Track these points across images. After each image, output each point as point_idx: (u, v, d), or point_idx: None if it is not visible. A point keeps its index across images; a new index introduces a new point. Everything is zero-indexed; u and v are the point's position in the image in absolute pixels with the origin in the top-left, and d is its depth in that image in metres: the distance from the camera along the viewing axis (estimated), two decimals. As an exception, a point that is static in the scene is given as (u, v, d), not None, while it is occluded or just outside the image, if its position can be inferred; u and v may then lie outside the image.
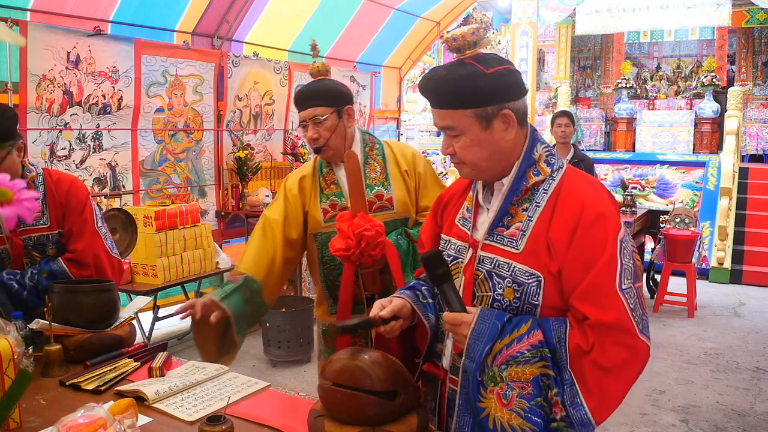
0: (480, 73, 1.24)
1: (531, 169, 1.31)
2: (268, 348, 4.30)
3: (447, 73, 1.27)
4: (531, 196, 1.30)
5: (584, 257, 1.22)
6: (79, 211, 2.06)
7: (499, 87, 1.26)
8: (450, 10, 8.09)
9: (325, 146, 1.99)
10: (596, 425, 1.20)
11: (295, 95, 2.06)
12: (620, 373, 1.20)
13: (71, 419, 1.19)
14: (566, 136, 4.93)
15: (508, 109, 1.27)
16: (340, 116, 2.00)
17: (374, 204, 2.02)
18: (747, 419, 3.51)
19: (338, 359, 1.29)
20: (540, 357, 1.21)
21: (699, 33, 10.19)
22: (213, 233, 4.81)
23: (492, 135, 1.28)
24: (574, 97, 11.33)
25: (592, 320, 1.20)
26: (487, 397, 1.23)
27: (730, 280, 6.70)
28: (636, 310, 1.22)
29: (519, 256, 1.28)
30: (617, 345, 1.20)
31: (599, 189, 1.31)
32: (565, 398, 1.19)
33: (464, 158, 1.31)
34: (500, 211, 1.32)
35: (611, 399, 1.20)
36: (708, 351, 4.63)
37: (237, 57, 5.46)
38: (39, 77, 3.96)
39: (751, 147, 9.76)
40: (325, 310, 2.12)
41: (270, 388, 1.63)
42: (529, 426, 1.20)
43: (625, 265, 1.22)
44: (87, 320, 1.81)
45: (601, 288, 1.21)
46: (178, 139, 5.08)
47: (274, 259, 1.98)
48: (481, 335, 1.24)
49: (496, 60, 1.28)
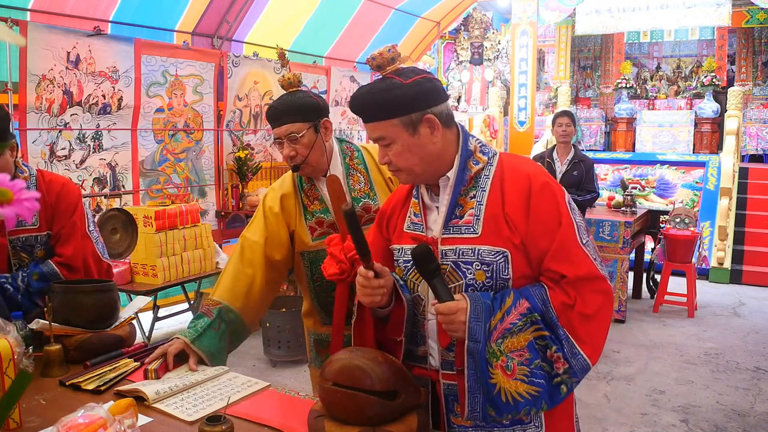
0: (399, 84, 1.35)
1: (470, 160, 1.43)
2: (268, 348, 4.30)
3: (370, 89, 1.37)
4: (475, 184, 1.41)
5: (544, 223, 1.35)
6: (69, 213, 2.04)
7: (418, 95, 1.35)
8: (450, 10, 8.09)
9: (304, 163, 1.89)
10: (592, 365, 1.34)
11: (267, 111, 1.92)
12: (601, 316, 1.34)
13: (71, 419, 1.19)
14: (567, 135, 4.93)
15: (431, 113, 1.37)
16: (317, 131, 1.89)
17: (363, 217, 1.95)
18: (747, 419, 3.51)
19: (338, 359, 1.29)
20: (531, 322, 1.32)
21: (699, 33, 10.20)
22: (213, 233, 4.81)
23: (420, 140, 1.37)
24: (574, 97, 11.33)
25: (571, 277, 1.33)
26: (495, 373, 1.31)
27: (730, 280, 6.70)
28: (596, 259, 1.37)
29: (479, 239, 1.37)
30: (594, 292, 1.34)
31: (535, 163, 1.46)
32: (566, 352, 1.31)
33: (399, 165, 1.40)
34: (451, 204, 1.41)
35: (599, 340, 1.35)
36: (708, 351, 4.63)
37: (237, 57, 5.46)
38: (39, 77, 3.96)
39: (751, 147, 9.77)
40: (317, 320, 2.08)
41: (270, 388, 1.63)
42: (534, 389, 1.30)
43: (578, 222, 1.38)
44: (87, 320, 1.81)
45: (568, 247, 1.34)
46: (178, 139, 5.08)
47: (252, 283, 1.91)
48: (479, 316, 1.31)
49: (413, 71, 1.39)
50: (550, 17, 8.42)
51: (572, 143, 5.03)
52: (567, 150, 4.97)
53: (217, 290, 1.92)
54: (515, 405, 1.30)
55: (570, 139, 4.96)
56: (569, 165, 4.91)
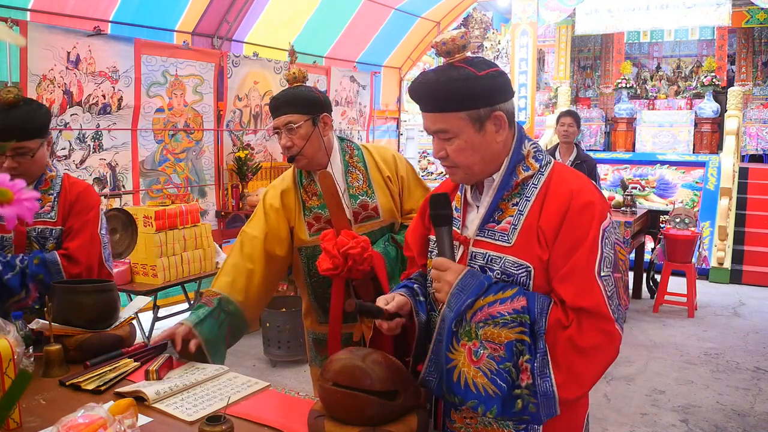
0: (472, 76, 1.26)
1: (520, 165, 1.33)
2: (268, 348, 4.30)
3: (438, 77, 1.28)
4: (521, 191, 1.33)
5: (569, 242, 1.25)
6: (85, 212, 2.12)
7: (490, 89, 1.27)
8: (450, 10, 8.09)
9: (299, 155, 1.93)
10: (559, 402, 1.21)
11: (269, 102, 1.99)
12: (593, 356, 1.22)
13: (71, 419, 1.19)
14: (568, 135, 4.92)
15: (499, 110, 1.29)
16: (315, 124, 1.93)
17: (360, 214, 1.98)
18: (747, 419, 3.51)
19: (338, 359, 1.29)
20: (519, 323, 1.22)
21: (699, 33, 10.19)
22: (213, 233, 4.81)
23: (485, 137, 1.30)
24: (574, 97, 11.33)
25: (569, 303, 1.23)
26: (459, 350, 1.25)
27: (730, 280, 6.70)
28: (612, 299, 1.24)
29: (510, 249, 1.30)
30: (594, 329, 1.22)
31: (587, 181, 1.34)
32: (535, 366, 1.21)
33: (458, 161, 1.32)
34: (491, 207, 1.34)
35: (580, 379, 1.22)
36: (708, 351, 4.62)
37: (237, 57, 5.46)
38: (39, 77, 3.96)
39: (751, 147, 9.76)
40: (314, 319, 2.10)
41: (270, 388, 1.63)
42: (492, 388, 1.21)
43: (606, 254, 1.25)
44: (87, 320, 1.81)
45: (580, 272, 1.23)
46: (178, 139, 5.08)
47: (251, 277, 1.92)
48: (466, 288, 1.26)
49: (485, 63, 1.30)
50: (550, 17, 8.42)
51: (575, 143, 5.01)
52: (569, 150, 4.95)
53: (217, 283, 1.93)
54: (465, 391, 1.23)
55: (571, 139, 4.94)
56: (571, 165, 4.90)
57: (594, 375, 1.24)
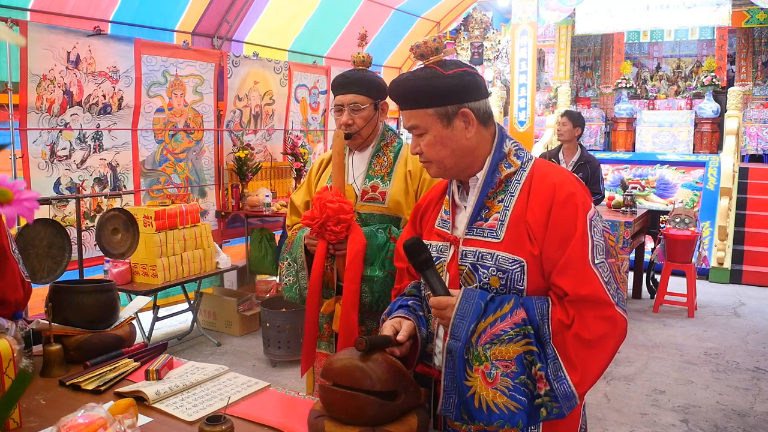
0: (438, 74, 1.34)
1: (502, 162, 1.39)
2: (268, 348, 4.30)
3: (409, 77, 1.37)
4: (505, 188, 1.38)
5: (560, 235, 1.30)
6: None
7: (457, 87, 1.34)
8: (450, 10, 8.09)
9: (357, 134, 2.05)
10: (579, 397, 1.25)
11: (335, 79, 2.09)
12: (601, 346, 1.26)
13: (71, 419, 1.19)
14: (562, 134, 4.91)
15: (467, 108, 1.35)
16: (377, 109, 2.08)
17: (367, 193, 2.06)
18: (747, 419, 3.51)
19: (338, 359, 1.29)
20: (523, 335, 1.26)
21: (699, 33, 10.19)
22: (213, 233, 4.81)
23: (453, 133, 1.36)
24: (574, 97, 11.33)
25: (571, 294, 1.27)
26: (473, 377, 1.27)
27: (730, 280, 6.70)
28: (610, 284, 1.29)
29: (500, 245, 1.34)
30: (597, 318, 1.26)
31: (568, 174, 1.40)
32: (549, 372, 1.24)
33: (429, 156, 1.39)
34: (477, 205, 1.39)
35: (593, 371, 1.26)
36: (708, 351, 4.62)
37: (237, 57, 5.46)
38: (39, 77, 3.96)
39: (751, 147, 9.76)
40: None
41: (270, 388, 1.63)
42: (513, 404, 1.24)
43: (596, 242, 1.30)
44: (87, 320, 1.81)
45: (575, 263, 1.28)
46: (178, 139, 5.08)
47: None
48: (465, 314, 1.29)
49: (456, 64, 1.37)
50: (550, 17, 8.41)
51: (579, 143, 5.00)
52: (573, 150, 4.94)
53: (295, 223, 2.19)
54: (488, 414, 1.25)
55: (566, 138, 4.93)
56: (574, 166, 4.88)
57: (606, 362, 1.28)
